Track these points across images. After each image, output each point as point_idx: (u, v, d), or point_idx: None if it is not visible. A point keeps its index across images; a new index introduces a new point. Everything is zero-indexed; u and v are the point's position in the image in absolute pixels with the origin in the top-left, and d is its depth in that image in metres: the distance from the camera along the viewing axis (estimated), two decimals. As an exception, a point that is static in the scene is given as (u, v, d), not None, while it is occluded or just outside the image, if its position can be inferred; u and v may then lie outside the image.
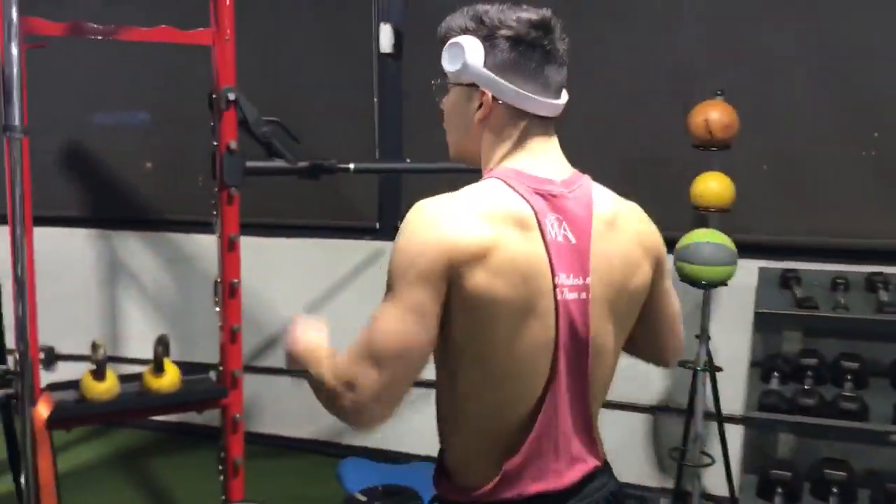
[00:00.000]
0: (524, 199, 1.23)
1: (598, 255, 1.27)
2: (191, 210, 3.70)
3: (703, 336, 2.87)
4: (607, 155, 3.17)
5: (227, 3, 2.50)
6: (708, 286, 2.74)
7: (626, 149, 3.32)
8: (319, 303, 3.72)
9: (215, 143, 2.55)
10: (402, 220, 1.21)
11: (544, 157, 1.31)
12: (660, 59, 3.31)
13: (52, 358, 3.90)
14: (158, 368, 2.56)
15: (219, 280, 2.63)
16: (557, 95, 1.32)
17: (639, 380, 2.97)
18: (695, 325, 2.85)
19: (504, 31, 1.25)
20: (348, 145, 3.72)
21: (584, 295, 1.25)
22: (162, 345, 2.58)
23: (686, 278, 2.72)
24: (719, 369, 2.90)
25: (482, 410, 1.27)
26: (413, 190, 3.60)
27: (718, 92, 2.86)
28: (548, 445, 1.28)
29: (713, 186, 2.87)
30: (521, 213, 1.22)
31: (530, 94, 1.27)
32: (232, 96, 2.49)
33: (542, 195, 1.25)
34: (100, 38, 2.38)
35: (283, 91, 3.76)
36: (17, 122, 2.16)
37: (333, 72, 3.74)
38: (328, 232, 3.83)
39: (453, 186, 1.24)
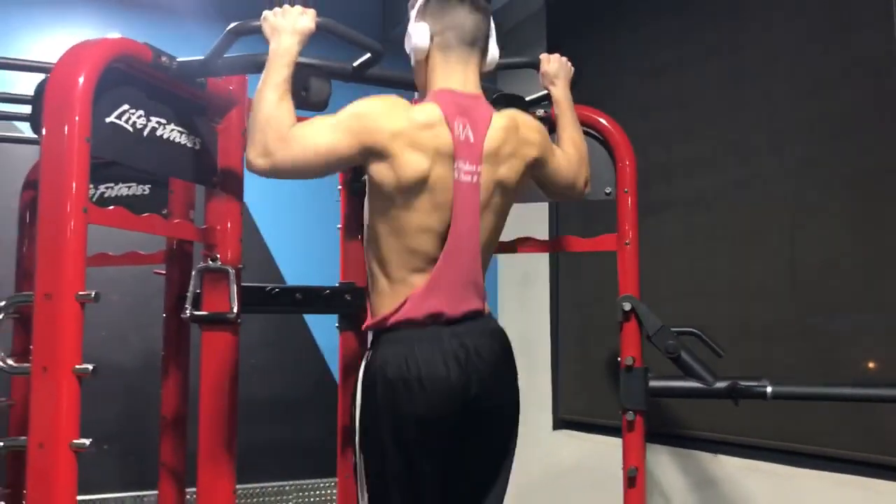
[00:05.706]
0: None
1: (488, 152, 1.77)
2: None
3: None
4: None
5: (629, 205, 2.29)
6: None
7: None
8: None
9: (619, 359, 2.27)
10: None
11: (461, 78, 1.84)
12: None
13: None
14: None
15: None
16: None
17: None
18: None
19: None
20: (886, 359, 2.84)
21: (475, 179, 1.74)
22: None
23: None
24: None
25: (399, 249, 1.73)
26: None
27: None
28: (445, 281, 1.72)
29: None
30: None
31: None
32: (627, 306, 2.21)
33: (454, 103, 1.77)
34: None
35: (804, 290, 3.13)
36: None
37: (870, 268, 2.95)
38: (863, 468, 2.90)
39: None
